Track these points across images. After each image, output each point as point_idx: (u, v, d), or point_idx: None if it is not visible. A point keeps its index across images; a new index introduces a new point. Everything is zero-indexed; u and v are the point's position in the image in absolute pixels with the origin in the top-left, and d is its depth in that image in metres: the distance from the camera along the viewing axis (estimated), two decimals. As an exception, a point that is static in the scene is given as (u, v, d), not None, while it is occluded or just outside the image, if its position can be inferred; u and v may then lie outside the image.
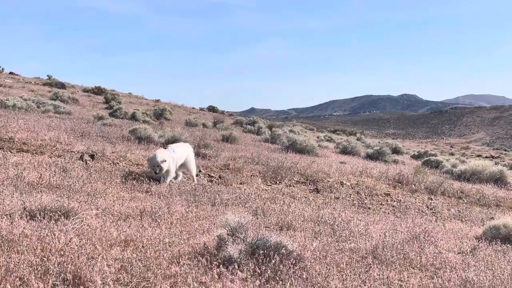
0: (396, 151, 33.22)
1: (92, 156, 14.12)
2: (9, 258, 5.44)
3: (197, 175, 13.82)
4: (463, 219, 13.05)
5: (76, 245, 5.98)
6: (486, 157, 49.44)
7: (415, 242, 8.61)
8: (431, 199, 15.70)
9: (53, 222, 7.08)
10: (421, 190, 16.86)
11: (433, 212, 13.75)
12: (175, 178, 13.05)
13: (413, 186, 17.19)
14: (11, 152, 13.32)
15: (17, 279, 4.94)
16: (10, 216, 7.22)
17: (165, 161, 12.23)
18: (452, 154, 56.44)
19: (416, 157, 35.69)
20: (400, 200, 14.73)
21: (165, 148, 13.18)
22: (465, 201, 16.28)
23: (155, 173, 12.17)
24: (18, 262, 5.30)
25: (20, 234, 6.23)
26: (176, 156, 12.89)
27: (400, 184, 17.41)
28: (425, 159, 28.79)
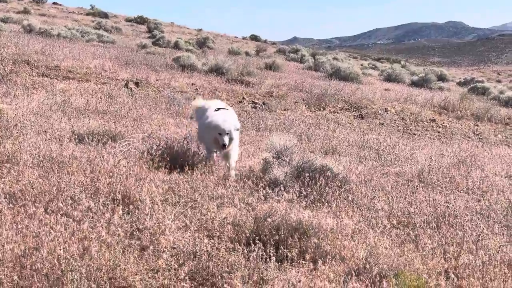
0: (441, 78, 32.58)
1: (136, 84, 14.25)
2: (60, 178, 5.56)
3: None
4: (511, 145, 12.84)
5: (125, 167, 6.09)
6: (535, 84, 47.99)
7: (462, 166, 8.54)
8: (478, 125, 15.45)
9: (101, 145, 7.21)
10: (467, 116, 16.60)
11: (479, 137, 13.56)
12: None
13: (459, 112, 16.92)
14: (58, 80, 13.52)
15: (69, 198, 5.06)
16: (59, 139, 7.38)
17: (238, 129, 7.29)
18: (499, 81, 55.10)
19: (462, 84, 35.00)
20: (446, 126, 14.55)
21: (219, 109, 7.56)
22: (513, 127, 16.00)
23: (223, 147, 6.92)
24: (69, 182, 5.42)
25: (69, 156, 6.37)
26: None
27: (445, 111, 17.17)
28: (471, 86, 28.19)
